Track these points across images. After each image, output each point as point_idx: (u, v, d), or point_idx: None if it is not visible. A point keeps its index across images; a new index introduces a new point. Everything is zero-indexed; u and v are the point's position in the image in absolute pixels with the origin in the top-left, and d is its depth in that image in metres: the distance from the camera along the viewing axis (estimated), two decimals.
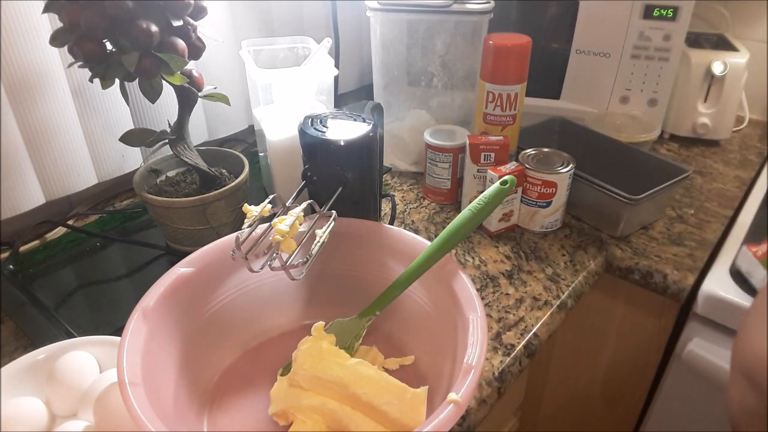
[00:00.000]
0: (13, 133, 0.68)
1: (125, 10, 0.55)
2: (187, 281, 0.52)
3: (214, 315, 0.56)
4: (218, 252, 0.55)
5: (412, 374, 0.56)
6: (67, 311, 0.66)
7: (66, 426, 0.48)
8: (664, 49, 0.96)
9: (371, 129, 0.59)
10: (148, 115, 0.84)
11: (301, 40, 0.84)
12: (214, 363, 0.56)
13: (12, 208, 0.71)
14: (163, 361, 0.49)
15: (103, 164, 0.81)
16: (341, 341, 0.55)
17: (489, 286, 0.71)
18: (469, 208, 0.55)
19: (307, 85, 0.78)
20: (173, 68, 0.59)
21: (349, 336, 0.56)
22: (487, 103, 0.81)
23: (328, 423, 0.49)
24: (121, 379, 0.41)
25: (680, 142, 1.13)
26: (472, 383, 0.42)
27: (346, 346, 0.55)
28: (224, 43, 0.88)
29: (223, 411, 0.53)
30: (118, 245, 0.78)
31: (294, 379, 0.50)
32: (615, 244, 0.80)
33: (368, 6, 0.85)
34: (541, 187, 0.77)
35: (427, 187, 0.89)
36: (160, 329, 0.49)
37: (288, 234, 0.49)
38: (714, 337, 0.76)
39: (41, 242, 0.77)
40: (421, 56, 0.90)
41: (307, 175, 0.59)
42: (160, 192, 0.71)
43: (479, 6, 0.83)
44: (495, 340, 0.63)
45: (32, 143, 0.71)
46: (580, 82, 1.03)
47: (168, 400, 0.47)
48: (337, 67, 0.78)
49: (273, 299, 0.60)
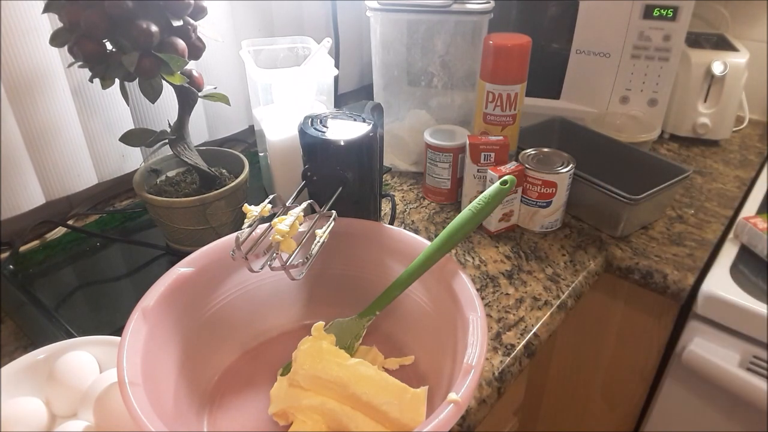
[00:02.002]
0: (13, 133, 0.68)
1: (125, 10, 0.55)
2: (187, 281, 0.52)
3: (215, 315, 0.56)
4: (218, 252, 0.55)
5: (412, 374, 0.56)
6: (67, 311, 0.66)
7: (66, 426, 0.48)
8: (664, 49, 0.96)
9: (371, 129, 0.59)
10: (148, 115, 0.84)
11: (301, 40, 0.84)
12: (214, 363, 0.56)
13: (12, 208, 0.71)
14: (163, 361, 0.49)
15: (103, 164, 0.81)
16: (341, 341, 0.55)
17: (489, 286, 0.71)
18: (469, 208, 0.55)
19: (307, 85, 0.78)
20: (173, 68, 0.59)
21: (349, 336, 0.56)
22: (487, 103, 0.81)
23: (328, 423, 0.49)
24: (121, 379, 0.41)
25: (680, 142, 1.13)
26: (472, 383, 0.42)
27: (346, 346, 0.55)
28: (224, 43, 0.88)
29: (223, 411, 0.53)
30: (118, 245, 0.78)
31: (294, 379, 0.50)
32: (615, 244, 0.80)
33: (368, 6, 0.85)
34: (541, 187, 0.77)
35: (427, 187, 0.89)
36: (160, 329, 0.49)
37: (288, 234, 0.49)
38: (714, 337, 0.76)
39: (41, 242, 0.77)
40: (421, 56, 0.90)
41: (307, 175, 0.59)
42: (160, 192, 0.71)
43: (479, 6, 0.83)
44: (495, 340, 0.63)
45: (32, 143, 0.71)
46: (580, 82, 1.03)
47: (168, 400, 0.47)
48: (337, 67, 0.78)
49: (273, 299, 0.60)
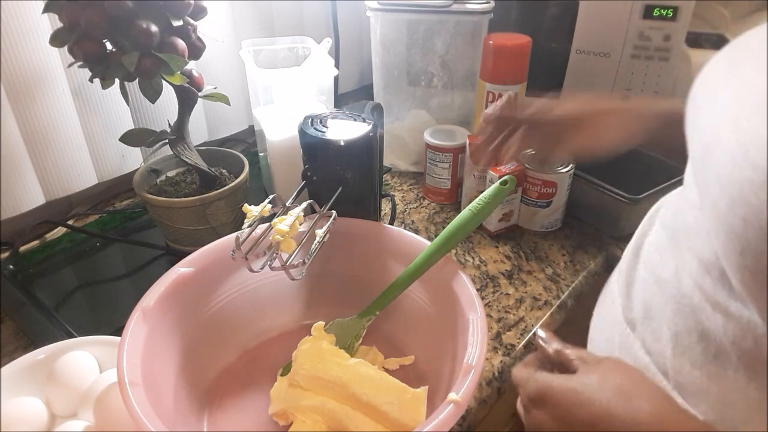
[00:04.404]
0: (13, 133, 0.68)
1: (125, 10, 0.55)
2: (186, 281, 0.52)
3: (214, 315, 0.56)
4: (218, 252, 0.55)
5: (411, 374, 0.56)
6: (67, 311, 0.66)
7: (66, 426, 0.48)
8: (664, 49, 0.96)
9: (371, 129, 0.59)
10: (148, 115, 0.84)
11: (301, 40, 0.84)
12: (214, 363, 0.56)
13: (12, 208, 0.71)
14: (164, 360, 0.49)
15: (103, 164, 0.81)
16: (341, 341, 0.55)
17: (489, 286, 0.71)
18: (470, 208, 0.55)
19: (307, 85, 0.78)
20: (173, 68, 0.59)
21: (349, 336, 0.56)
22: (487, 103, 0.81)
23: (328, 423, 0.49)
24: (121, 379, 0.41)
25: None
26: (472, 383, 0.42)
27: (346, 346, 0.55)
28: (224, 43, 0.88)
29: (223, 411, 0.53)
30: (118, 245, 0.78)
31: (294, 379, 0.50)
32: (615, 244, 0.80)
33: (368, 6, 0.85)
34: (541, 187, 0.77)
35: (427, 187, 0.89)
36: (160, 329, 0.49)
37: (288, 234, 0.49)
38: None
39: (41, 242, 0.77)
40: (421, 56, 0.90)
41: (307, 175, 0.59)
42: (160, 192, 0.71)
43: (479, 6, 0.83)
44: (495, 340, 0.63)
45: (32, 143, 0.71)
46: (580, 82, 1.03)
47: (168, 400, 0.47)
48: (337, 67, 0.78)
49: (273, 299, 0.60)
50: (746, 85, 0.32)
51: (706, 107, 0.35)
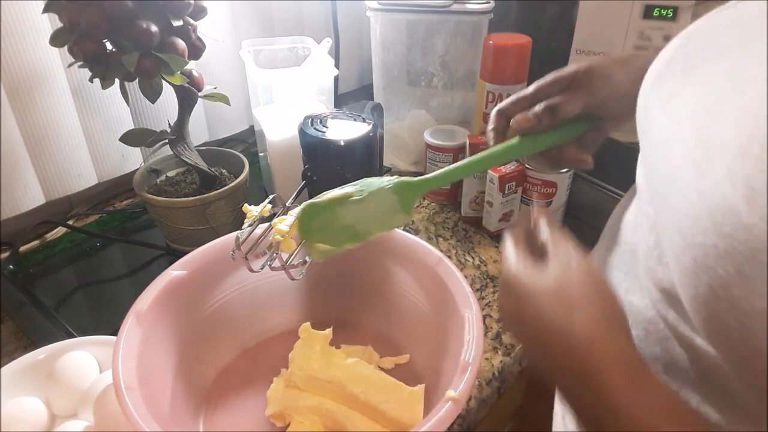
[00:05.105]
0: (13, 133, 0.68)
1: (125, 10, 0.55)
2: (181, 283, 0.52)
3: (212, 315, 0.56)
4: (214, 253, 0.55)
5: (407, 373, 0.56)
6: (67, 311, 0.66)
7: (66, 426, 0.48)
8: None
9: (371, 129, 0.59)
10: (148, 115, 0.84)
11: (301, 40, 0.84)
12: (212, 363, 0.56)
13: (12, 208, 0.71)
14: (160, 363, 0.49)
15: (103, 164, 0.81)
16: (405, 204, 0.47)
17: (489, 286, 0.71)
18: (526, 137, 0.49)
19: (307, 85, 0.78)
20: (173, 68, 0.59)
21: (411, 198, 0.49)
22: (487, 103, 0.81)
23: (325, 423, 0.49)
24: (116, 384, 0.41)
25: None
26: (469, 380, 0.42)
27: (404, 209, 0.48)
28: (224, 43, 0.88)
29: (220, 412, 0.53)
30: (118, 245, 0.78)
31: (291, 380, 0.50)
32: None
33: (368, 6, 0.85)
34: (541, 187, 0.77)
35: None
36: (155, 332, 0.48)
37: (288, 234, 0.49)
38: None
39: (41, 242, 0.77)
40: (421, 56, 0.90)
41: (307, 175, 0.60)
42: (160, 192, 0.71)
43: (479, 6, 0.83)
44: (495, 340, 0.63)
45: (32, 143, 0.71)
46: None
47: (165, 402, 0.47)
48: (337, 67, 0.78)
49: (272, 299, 0.60)
50: (710, 111, 0.27)
51: (659, 117, 0.33)
